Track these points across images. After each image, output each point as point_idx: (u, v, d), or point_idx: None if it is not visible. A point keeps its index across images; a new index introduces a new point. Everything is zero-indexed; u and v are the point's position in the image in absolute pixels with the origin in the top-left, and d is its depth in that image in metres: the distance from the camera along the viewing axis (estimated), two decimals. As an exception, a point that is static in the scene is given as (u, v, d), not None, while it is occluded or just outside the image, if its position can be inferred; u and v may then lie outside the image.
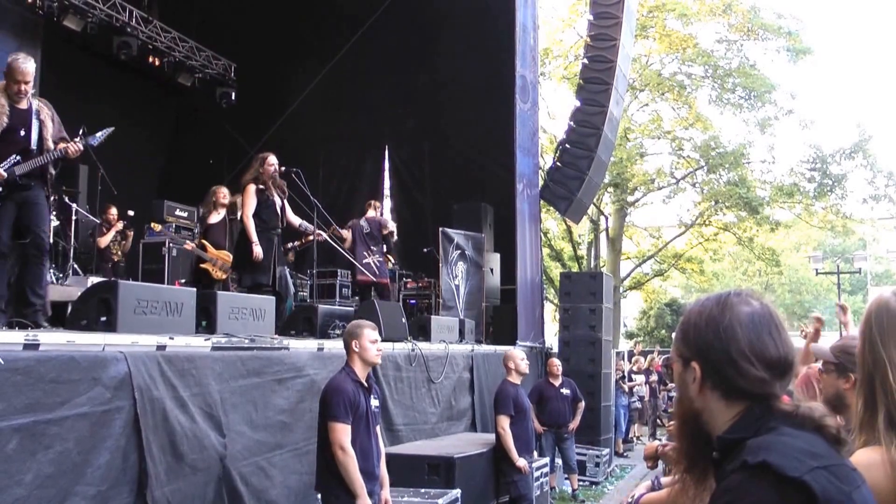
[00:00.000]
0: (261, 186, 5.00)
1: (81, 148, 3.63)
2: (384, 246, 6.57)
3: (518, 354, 5.04)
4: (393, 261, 7.12)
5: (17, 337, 2.67)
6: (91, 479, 2.65)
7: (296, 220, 5.28)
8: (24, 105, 3.46)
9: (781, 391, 0.95)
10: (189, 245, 5.85)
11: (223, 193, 5.67)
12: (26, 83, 3.41)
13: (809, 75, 50.40)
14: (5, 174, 3.33)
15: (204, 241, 5.56)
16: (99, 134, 3.83)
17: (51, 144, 3.50)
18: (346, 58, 8.91)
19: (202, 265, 5.46)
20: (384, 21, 8.60)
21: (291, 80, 9.05)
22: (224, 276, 5.45)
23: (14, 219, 3.41)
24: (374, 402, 3.16)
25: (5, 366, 2.41)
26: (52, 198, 3.65)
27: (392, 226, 6.70)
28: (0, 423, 2.37)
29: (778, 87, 16.65)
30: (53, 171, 3.74)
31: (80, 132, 4.31)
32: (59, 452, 2.55)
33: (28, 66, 3.41)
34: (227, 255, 5.45)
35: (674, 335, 1.04)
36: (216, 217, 5.64)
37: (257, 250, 4.86)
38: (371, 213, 6.63)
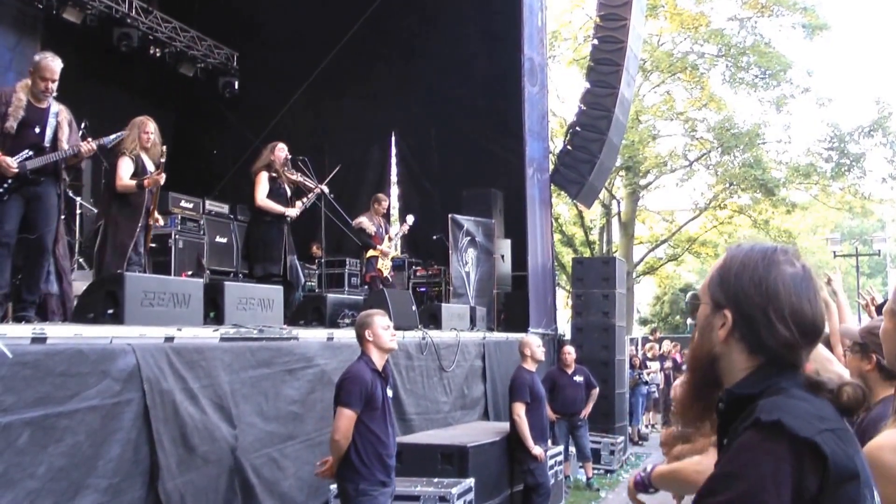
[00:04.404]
0: (273, 174, 4.99)
1: (94, 148, 3.66)
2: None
3: (534, 341, 4.98)
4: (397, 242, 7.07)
5: (25, 331, 2.66)
6: (103, 472, 2.65)
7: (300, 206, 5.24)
8: (43, 105, 3.49)
9: (806, 358, 0.95)
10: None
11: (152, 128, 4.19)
12: (53, 81, 3.45)
13: (826, 52, 49.06)
14: (17, 168, 3.33)
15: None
16: (112, 136, 3.89)
17: (65, 146, 3.53)
18: (350, 44, 8.79)
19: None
20: (387, 5, 8.46)
21: (295, 68, 8.95)
22: (160, 221, 4.39)
23: (22, 213, 3.41)
24: (390, 392, 3.12)
25: (14, 360, 2.39)
26: (62, 197, 3.65)
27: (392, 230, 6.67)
28: (11, 416, 2.36)
29: (794, 64, 16.23)
30: (67, 178, 3.77)
31: (83, 125, 4.30)
32: (71, 445, 2.54)
33: (56, 64, 3.46)
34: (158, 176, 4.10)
35: (709, 274, 1.01)
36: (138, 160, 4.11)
37: (291, 211, 4.96)
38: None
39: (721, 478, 0.86)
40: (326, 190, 5.34)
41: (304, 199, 5.15)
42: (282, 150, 5.07)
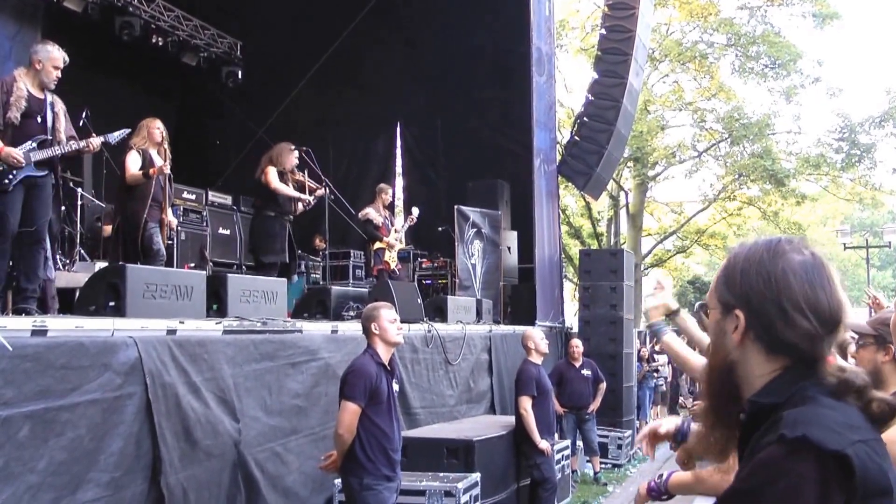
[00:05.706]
0: (280, 170, 5.06)
1: (99, 145, 3.69)
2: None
3: (537, 334, 4.92)
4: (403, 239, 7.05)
5: (25, 323, 2.62)
6: (104, 466, 2.62)
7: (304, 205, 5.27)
8: (42, 94, 3.49)
9: (828, 349, 0.89)
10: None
11: (160, 125, 4.40)
12: (61, 69, 3.48)
13: (837, 41, 48.25)
14: (23, 160, 3.31)
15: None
16: (117, 133, 3.90)
17: (62, 137, 3.52)
18: (354, 34, 8.68)
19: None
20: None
21: (299, 58, 8.84)
22: (173, 223, 4.69)
23: (23, 203, 3.39)
24: (396, 387, 3.07)
25: (14, 352, 2.36)
26: (59, 186, 3.66)
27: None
28: (11, 410, 2.33)
29: (804, 54, 15.99)
30: (60, 166, 3.77)
31: (84, 115, 4.26)
32: (72, 439, 2.51)
33: (63, 52, 3.51)
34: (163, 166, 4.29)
35: (713, 279, 0.95)
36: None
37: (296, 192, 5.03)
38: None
39: (738, 494, 0.82)
40: (322, 192, 5.36)
41: (306, 202, 5.18)
42: (294, 157, 5.14)
